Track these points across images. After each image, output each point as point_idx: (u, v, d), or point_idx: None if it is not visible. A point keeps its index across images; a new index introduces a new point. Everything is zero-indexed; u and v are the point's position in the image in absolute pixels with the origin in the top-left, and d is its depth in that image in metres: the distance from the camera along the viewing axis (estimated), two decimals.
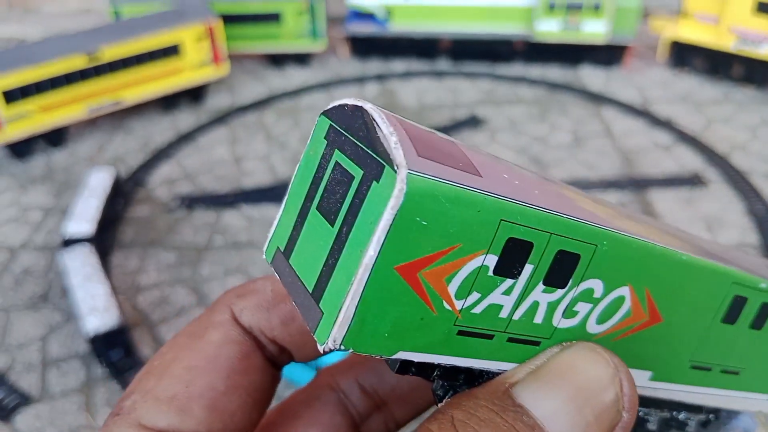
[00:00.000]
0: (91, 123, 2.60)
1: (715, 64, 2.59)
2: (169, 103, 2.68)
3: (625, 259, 0.20)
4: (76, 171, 2.29)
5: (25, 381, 1.39)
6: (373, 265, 0.16)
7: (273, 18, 3.01)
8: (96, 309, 1.38)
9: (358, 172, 0.17)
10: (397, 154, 0.16)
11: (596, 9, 2.79)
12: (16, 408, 1.33)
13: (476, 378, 0.20)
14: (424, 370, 0.20)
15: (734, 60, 2.55)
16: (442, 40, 3.18)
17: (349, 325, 0.17)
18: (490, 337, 0.19)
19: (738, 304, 0.25)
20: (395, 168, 0.16)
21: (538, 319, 0.19)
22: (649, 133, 1.82)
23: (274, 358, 0.24)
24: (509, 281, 0.18)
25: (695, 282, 0.22)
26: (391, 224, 0.16)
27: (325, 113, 0.19)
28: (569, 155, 1.72)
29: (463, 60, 3.19)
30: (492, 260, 0.18)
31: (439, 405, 0.20)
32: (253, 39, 3.03)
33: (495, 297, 0.18)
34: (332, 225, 0.17)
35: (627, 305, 0.20)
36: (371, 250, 0.16)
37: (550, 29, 2.90)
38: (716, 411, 0.28)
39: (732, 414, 0.28)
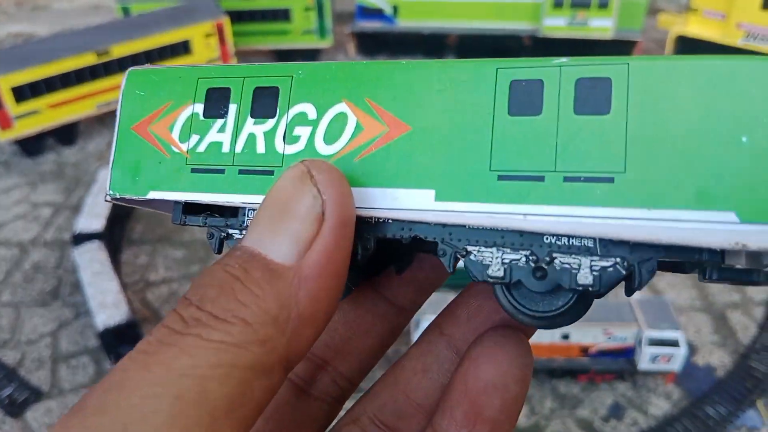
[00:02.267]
0: (101, 120, 2.61)
1: None
2: None
3: (329, 80, 0.23)
4: (85, 168, 2.29)
5: (35, 376, 1.41)
6: (117, 129, 0.25)
7: (281, 15, 3.01)
8: (106, 304, 1.39)
9: None
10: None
11: (603, 7, 2.78)
12: (27, 403, 1.34)
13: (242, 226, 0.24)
14: (194, 215, 0.24)
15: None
16: (449, 36, 3.18)
17: (111, 175, 0.25)
18: (222, 171, 0.24)
19: (526, 89, 0.21)
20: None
21: (261, 148, 0.23)
22: None
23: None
24: (219, 121, 0.24)
25: (442, 82, 0.21)
26: (121, 99, 0.25)
27: None
28: None
29: (470, 56, 3.18)
30: (200, 108, 0.25)
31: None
32: (260, 36, 3.04)
33: (212, 135, 0.24)
34: None
35: (353, 120, 0.22)
36: (116, 121, 0.25)
37: (557, 24, 2.89)
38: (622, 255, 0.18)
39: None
